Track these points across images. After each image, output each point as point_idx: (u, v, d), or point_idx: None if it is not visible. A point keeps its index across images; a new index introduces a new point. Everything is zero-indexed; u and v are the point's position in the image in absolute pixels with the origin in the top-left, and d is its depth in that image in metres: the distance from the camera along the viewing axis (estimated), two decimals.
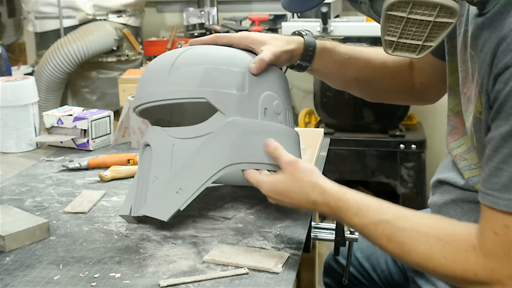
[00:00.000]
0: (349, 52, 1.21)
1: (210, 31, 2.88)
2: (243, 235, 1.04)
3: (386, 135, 2.65)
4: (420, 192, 2.60)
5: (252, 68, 1.04)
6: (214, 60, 1.04)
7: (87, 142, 1.55)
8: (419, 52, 0.92)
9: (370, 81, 1.25)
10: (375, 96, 1.32)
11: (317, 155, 1.44)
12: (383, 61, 1.24)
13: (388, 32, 0.90)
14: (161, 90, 1.03)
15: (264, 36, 1.10)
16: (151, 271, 0.93)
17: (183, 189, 1.01)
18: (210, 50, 1.07)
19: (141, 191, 1.06)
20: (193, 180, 1.01)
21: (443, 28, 0.87)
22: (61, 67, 2.90)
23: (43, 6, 3.01)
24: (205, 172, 1.02)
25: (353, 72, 1.22)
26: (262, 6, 3.32)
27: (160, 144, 1.05)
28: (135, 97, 1.09)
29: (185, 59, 1.04)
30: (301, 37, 1.15)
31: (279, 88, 1.09)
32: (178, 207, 1.01)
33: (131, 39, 3.05)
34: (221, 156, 1.02)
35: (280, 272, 0.91)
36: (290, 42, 1.12)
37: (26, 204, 1.21)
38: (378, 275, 1.35)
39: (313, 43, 1.15)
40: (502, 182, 0.82)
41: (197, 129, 1.03)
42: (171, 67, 1.03)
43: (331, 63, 1.18)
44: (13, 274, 0.93)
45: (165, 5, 3.46)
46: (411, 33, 0.89)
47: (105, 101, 3.06)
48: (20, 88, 1.54)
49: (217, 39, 1.11)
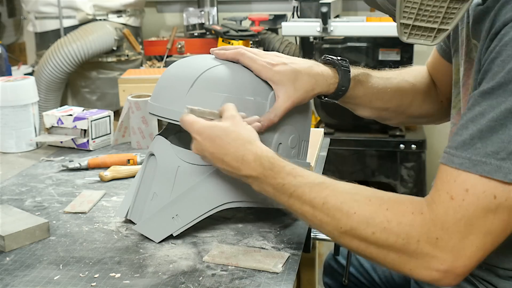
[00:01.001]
0: (380, 83, 1.14)
1: (210, 31, 2.88)
2: (243, 235, 1.04)
3: (386, 135, 2.65)
4: (420, 192, 2.59)
5: (257, 127, 0.97)
6: (236, 88, 1.00)
7: (87, 142, 1.55)
8: (434, 38, 0.88)
9: (401, 109, 1.19)
10: (405, 121, 1.26)
11: (317, 155, 1.44)
12: (412, 85, 1.19)
13: (404, 14, 0.86)
14: (177, 109, 0.99)
15: (288, 75, 1.00)
16: (151, 271, 0.93)
17: (179, 216, 1.01)
18: (235, 75, 1.02)
19: (139, 200, 1.06)
20: (190, 210, 1.01)
21: (460, 6, 0.84)
22: (61, 67, 2.90)
23: (43, 6, 3.01)
24: (204, 206, 1.01)
25: (384, 103, 1.16)
26: (262, 6, 3.32)
27: (166, 161, 1.03)
28: (151, 98, 1.06)
29: (206, 81, 1.00)
30: (336, 72, 1.06)
31: (298, 119, 1.06)
32: (171, 232, 1.01)
33: (131, 39, 3.05)
34: (223, 192, 1.01)
35: (280, 272, 0.91)
36: (317, 83, 1.03)
37: (26, 204, 1.21)
38: (378, 275, 1.35)
39: (347, 82, 1.06)
40: (462, 140, 0.78)
41: None
42: (190, 86, 1.00)
43: (363, 96, 1.12)
44: (13, 274, 0.93)
45: (165, 5, 3.46)
46: (427, 15, 0.85)
47: (105, 101, 3.06)
48: (20, 88, 1.54)
49: (240, 58, 1.02)
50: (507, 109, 0.75)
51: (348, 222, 0.83)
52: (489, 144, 0.76)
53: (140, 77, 2.46)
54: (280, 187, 0.89)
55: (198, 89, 1.00)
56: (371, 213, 0.82)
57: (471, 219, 0.76)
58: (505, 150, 0.75)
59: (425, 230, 0.78)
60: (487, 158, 0.76)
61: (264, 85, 1.03)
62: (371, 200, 0.83)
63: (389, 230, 0.80)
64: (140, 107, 1.50)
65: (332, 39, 2.60)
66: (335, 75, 1.06)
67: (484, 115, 0.77)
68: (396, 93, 1.16)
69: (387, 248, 0.81)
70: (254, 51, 1.05)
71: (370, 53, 2.57)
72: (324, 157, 1.48)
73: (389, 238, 0.80)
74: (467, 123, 0.79)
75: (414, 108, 1.20)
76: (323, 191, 0.86)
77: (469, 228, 0.77)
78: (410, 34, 0.88)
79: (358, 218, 0.82)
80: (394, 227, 0.80)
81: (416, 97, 1.19)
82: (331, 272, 1.46)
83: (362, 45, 2.57)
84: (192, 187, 1.01)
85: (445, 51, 1.14)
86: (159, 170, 1.04)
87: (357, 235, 0.83)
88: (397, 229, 0.80)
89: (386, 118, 1.22)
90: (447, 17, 0.85)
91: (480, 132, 0.77)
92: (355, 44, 2.58)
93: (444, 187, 0.79)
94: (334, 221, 0.84)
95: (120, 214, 1.10)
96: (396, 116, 1.21)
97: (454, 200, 0.77)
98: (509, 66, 0.76)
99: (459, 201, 0.77)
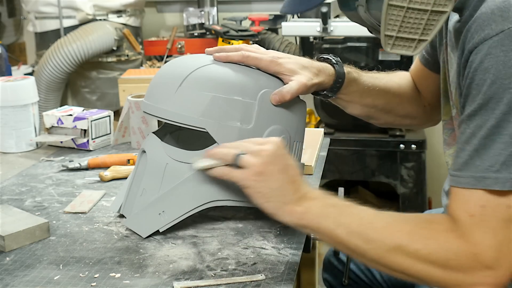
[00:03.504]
0: (370, 81, 1.20)
1: (210, 31, 2.88)
2: (243, 235, 1.04)
3: (386, 135, 2.65)
4: (420, 192, 2.59)
5: (272, 99, 1.02)
6: (224, 87, 1.00)
7: (87, 142, 1.55)
8: (415, 48, 0.96)
9: (388, 107, 1.25)
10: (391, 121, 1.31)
11: (317, 155, 1.44)
12: (398, 85, 1.26)
13: (388, 27, 0.95)
14: (166, 108, 1.00)
15: (294, 65, 1.06)
16: (151, 271, 0.93)
17: (165, 212, 1.01)
18: (224, 74, 1.02)
19: (131, 195, 1.08)
20: (176, 207, 1.01)
21: (438, 18, 0.92)
22: (61, 67, 2.90)
23: (43, 6, 3.01)
24: (189, 203, 1.01)
25: (372, 100, 1.21)
26: (262, 6, 3.31)
27: (155, 158, 1.05)
28: (145, 96, 1.07)
29: (195, 80, 1.01)
30: (331, 67, 1.11)
31: (291, 120, 1.06)
32: (158, 228, 1.02)
33: (131, 39, 3.05)
34: (208, 190, 1.01)
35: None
36: (319, 73, 1.08)
37: (26, 204, 1.21)
38: (380, 272, 1.35)
39: (342, 75, 1.12)
40: (462, 161, 0.85)
41: (192, 155, 1.02)
42: (179, 85, 1.00)
43: (355, 92, 1.17)
44: (13, 274, 0.93)
45: (165, 5, 3.46)
46: (408, 27, 0.94)
47: (105, 101, 3.06)
48: (20, 88, 1.54)
49: (245, 60, 1.05)
50: (492, 125, 0.83)
51: (392, 240, 0.87)
52: (486, 160, 0.83)
53: (140, 77, 2.46)
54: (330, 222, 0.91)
55: (187, 88, 1.00)
56: (411, 230, 0.87)
57: (496, 231, 0.82)
58: (497, 162, 0.82)
59: (460, 244, 0.83)
60: (486, 173, 0.83)
61: (253, 85, 1.02)
62: (407, 220, 0.89)
63: (430, 246, 0.85)
64: (140, 107, 1.50)
65: (332, 39, 2.60)
66: (331, 69, 1.12)
67: (475, 135, 0.85)
68: (384, 91, 1.23)
69: (432, 264, 0.85)
70: (254, 49, 1.08)
71: (370, 53, 2.57)
72: (324, 157, 1.48)
73: (431, 256, 0.85)
74: (463, 146, 0.86)
75: (401, 108, 1.27)
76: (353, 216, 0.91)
77: (498, 239, 0.82)
78: (394, 45, 0.97)
79: (401, 237, 0.87)
80: (433, 244, 0.85)
81: (403, 97, 1.26)
82: (331, 269, 1.46)
83: (362, 45, 2.57)
84: (178, 185, 1.01)
85: (427, 60, 1.22)
86: (148, 166, 1.05)
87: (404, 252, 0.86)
88: (436, 246, 0.85)
89: (374, 117, 1.27)
90: (427, 29, 0.94)
91: (476, 151, 0.84)
92: (355, 44, 2.58)
93: (461, 207, 0.85)
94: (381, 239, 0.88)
95: (114, 208, 1.13)
96: (383, 115, 1.26)
97: (475, 217, 0.83)
98: (484, 89, 0.84)
99: (477, 217, 0.83)
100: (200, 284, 0.89)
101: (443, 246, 0.84)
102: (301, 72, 1.05)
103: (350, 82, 1.14)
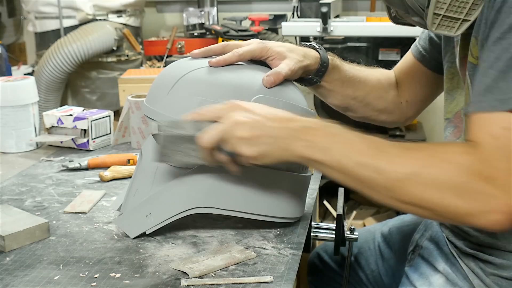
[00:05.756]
0: (352, 71, 1.23)
1: (210, 31, 2.88)
2: (243, 235, 1.04)
3: (386, 135, 2.65)
4: None
5: (266, 80, 1.01)
6: (214, 91, 0.99)
7: (87, 142, 1.55)
8: (457, 29, 0.95)
9: (367, 100, 1.27)
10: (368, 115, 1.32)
11: None
12: (378, 79, 1.28)
13: (437, 5, 0.94)
14: (158, 110, 1.00)
15: (282, 48, 1.08)
16: (151, 271, 0.93)
17: (152, 215, 1.01)
18: (216, 78, 1.00)
19: (129, 196, 1.08)
20: (162, 210, 1.01)
21: (480, 3, 0.91)
22: (61, 67, 2.90)
23: (43, 6, 3.01)
24: (174, 208, 1.01)
25: (353, 91, 1.24)
26: (262, 6, 3.32)
27: (148, 159, 1.05)
28: (146, 97, 1.07)
29: (186, 83, 1.00)
30: (316, 52, 1.14)
31: None
32: (145, 230, 1.02)
33: (131, 39, 3.05)
34: (194, 196, 1.00)
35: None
36: (306, 57, 1.10)
37: (26, 204, 1.21)
38: (366, 275, 1.35)
39: (327, 59, 1.15)
40: (485, 86, 0.83)
41: None
42: (171, 87, 1.00)
43: (337, 80, 1.19)
44: (13, 274, 0.93)
45: (165, 5, 3.46)
46: (456, 5, 0.93)
47: (105, 101, 3.06)
48: (20, 88, 1.54)
49: (242, 58, 1.05)
50: None
51: (407, 165, 0.84)
52: (511, 81, 0.80)
53: (140, 77, 2.46)
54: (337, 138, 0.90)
55: (177, 91, 1.00)
56: (426, 157, 0.84)
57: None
58: None
59: (478, 168, 0.80)
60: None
61: (247, 89, 1.00)
62: (421, 147, 0.86)
63: (448, 173, 0.81)
64: (140, 107, 1.50)
65: (332, 39, 2.60)
66: (316, 53, 1.14)
67: (500, 58, 0.82)
68: (364, 83, 1.25)
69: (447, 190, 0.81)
70: (236, 44, 1.08)
71: (370, 53, 2.57)
72: None
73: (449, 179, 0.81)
74: (485, 71, 0.83)
75: (379, 102, 1.29)
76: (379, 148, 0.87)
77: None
78: (439, 24, 0.96)
79: (416, 163, 0.83)
80: (450, 168, 0.81)
81: (381, 91, 1.28)
82: (315, 271, 1.46)
83: (362, 45, 2.57)
84: (165, 188, 1.01)
85: (424, 56, 1.23)
86: (142, 167, 1.06)
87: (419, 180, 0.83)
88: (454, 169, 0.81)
89: (352, 109, 1.28)
90: (472, 9, 0.93)
91: (501, 72, 0.81)
92: (355, 44, 2.58)
93: (483, 129, 0.82)
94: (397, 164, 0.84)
95: (114, 207, 1.13)
96: (362, 107, 1.28)
97: (497, 139, 0.80)
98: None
99: (502, 139, 0.80)
100: (208, 282, 0.89)
101: (461, 169, 0.80)
102: (289, 55, 1.07)
103: (334, 68, 1.17)
